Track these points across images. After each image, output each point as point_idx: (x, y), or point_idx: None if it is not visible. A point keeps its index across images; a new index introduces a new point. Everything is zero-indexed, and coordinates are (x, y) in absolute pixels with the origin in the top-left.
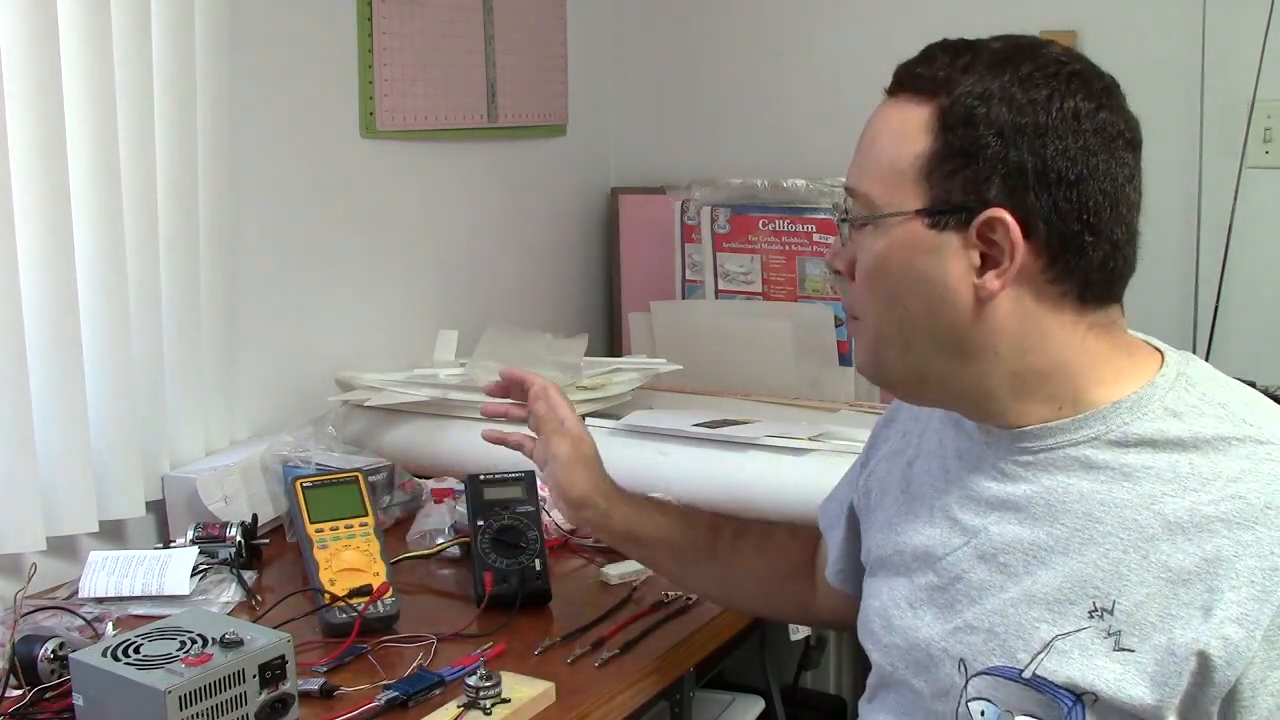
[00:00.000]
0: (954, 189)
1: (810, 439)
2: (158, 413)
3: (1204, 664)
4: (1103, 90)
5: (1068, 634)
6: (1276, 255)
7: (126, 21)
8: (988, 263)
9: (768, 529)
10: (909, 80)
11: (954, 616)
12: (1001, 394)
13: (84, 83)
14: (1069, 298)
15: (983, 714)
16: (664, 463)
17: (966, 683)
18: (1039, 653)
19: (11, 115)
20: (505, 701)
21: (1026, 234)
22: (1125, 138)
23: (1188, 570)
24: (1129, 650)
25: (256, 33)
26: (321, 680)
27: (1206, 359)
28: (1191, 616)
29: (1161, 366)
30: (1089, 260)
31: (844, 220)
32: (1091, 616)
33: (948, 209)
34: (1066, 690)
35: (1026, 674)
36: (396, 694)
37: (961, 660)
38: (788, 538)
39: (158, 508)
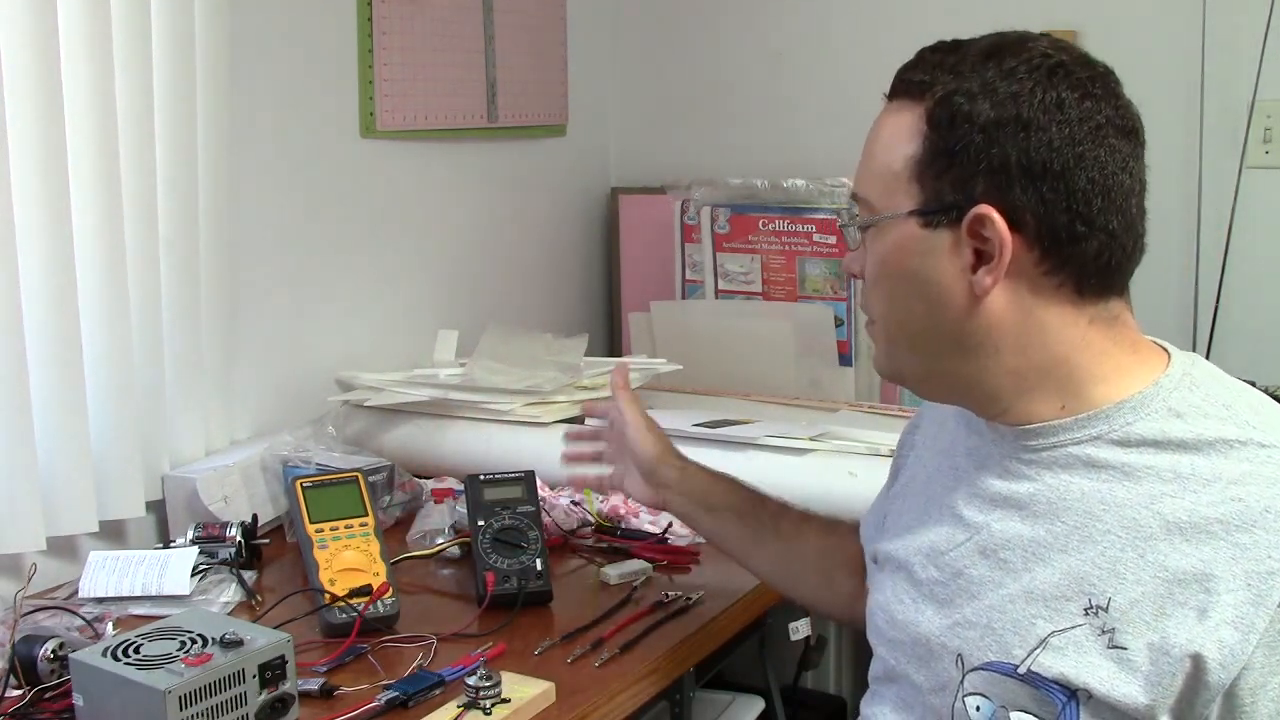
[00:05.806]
0: (943, 188)
1: (810, 439)
2: (158, 413)
3: (1198, 666)
4: (1090, 79)
5: (1063, 630)
6: (1276, 255)
7: (126, 22)
8: (981, 259)
9: (834, 520)
10: (902, 84)
11: (953, 612)
12: (1005, 391)
13: (84, 83)
14: (1065, 290)
15: (978, 709)
16: None
17: (963, 678)
18: (1034, 648)
19: (12, 116)
20: (505, 701)
21: (1015, 228)
22: (1115, 125)
23: (1184, 571)
24: (1122, 648)
25: (256, 33)
26: (321, 680)
27: (1206, 359)
28: (1186, 618)
29: (1168, 366)
30: (1083, 251)
31: (846, 225)
32: (1086, 614)
33: (938, 208)
34: (1060, 686)
35: (1021, 669)
36: (396, 694)
37: (959, 655)
38: (850, 531)
39: (158, 508)
